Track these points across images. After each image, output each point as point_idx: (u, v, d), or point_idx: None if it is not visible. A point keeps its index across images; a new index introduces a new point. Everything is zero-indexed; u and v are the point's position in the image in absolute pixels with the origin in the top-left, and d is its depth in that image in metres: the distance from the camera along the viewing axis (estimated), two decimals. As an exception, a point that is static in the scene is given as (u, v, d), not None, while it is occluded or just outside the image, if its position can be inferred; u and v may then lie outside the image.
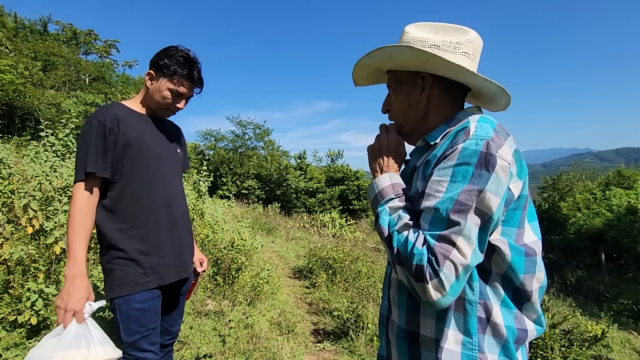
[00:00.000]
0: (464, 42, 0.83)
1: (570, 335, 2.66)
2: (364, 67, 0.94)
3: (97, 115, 1.34)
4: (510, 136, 0.76)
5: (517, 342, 0.74)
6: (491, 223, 0.69)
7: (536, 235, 0.77)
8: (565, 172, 25.22)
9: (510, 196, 0.72)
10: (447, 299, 0.68)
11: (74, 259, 1.20)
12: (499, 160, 0.69)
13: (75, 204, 1.25)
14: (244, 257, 4.38)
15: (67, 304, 1.15)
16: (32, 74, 17.52)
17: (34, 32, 27.75)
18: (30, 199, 2.92)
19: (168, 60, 1.39)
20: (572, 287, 10.11)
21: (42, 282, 2.62)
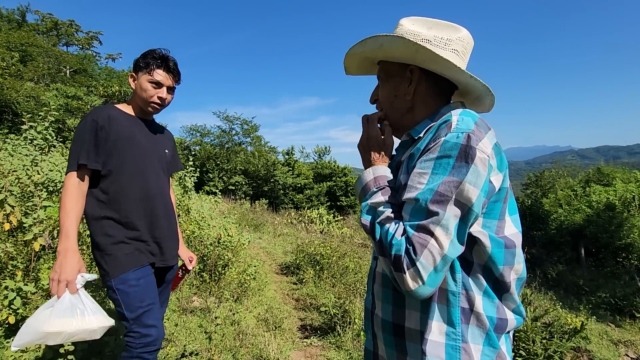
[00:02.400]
0: (455, 40, 0.84)
1: (551, 328, 2.73)
2: (355, 56, 0.94)
3: (92, 114, 1.49)
4: (491, 130, 0.78)
5: (496, 330, 0.75)
6: (471, 214, 0.70)
7: (516, 227, 0.79)
8: (547, 169, 25.81)
9: (491, 188, 0.73)
10: (424, 289, 0.68)
11: (65, 235, 1.33)
12: (479, 153, 0.70)
13: (67, 190, 1.39)
14: (231, 253, 4.35)
15: (60, 275, 1.26)
16: (9, 65, 16.90)
17: (12, 21, 26.75)
18: (7, 194, 2.82)
19: (143, 59, 1.56)
20: (553, 281, 10.39)
21: (21, 280, 2.54)
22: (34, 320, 1.17)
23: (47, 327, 1.15)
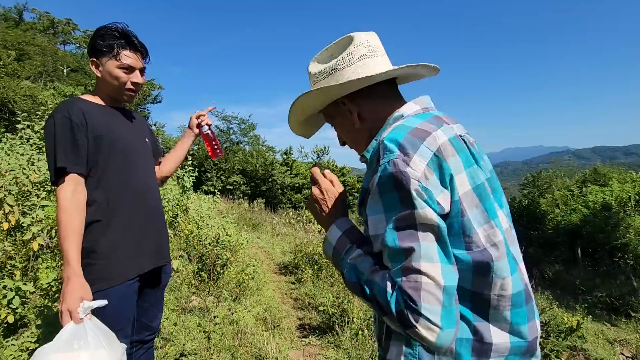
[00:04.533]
0: (355, 48, 0.81)
1: (547, 327, 2.75)
2: (297, 124, 0.97)
3: (60, 110, 1.28)
4: (426, 140, 0.69)
5: (478, 354, 0.68)
6: (442, 232, 0.65)
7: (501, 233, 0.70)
8: (544, 170, 25.95)
9: (441, 209, 0.66)
10: (446, 333, 0.61)
11: (66, 260, 1.19)
12: (406, 180, 0.65)
13: (59, 204, 1.22)
14: (229, 253, 4.35)
15: (70, 304, 1.13)
16: (6, 63, 16.82)
17: (9, 19, 26.61)
18: (5, 193, 2.82)
19: (102, 40, 1.34)
20: (550, 280, 10.44)
21: (19, 279, 2.54)
22: (38, 353, 1.06)
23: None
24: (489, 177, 0.76)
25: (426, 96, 0.86)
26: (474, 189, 0.69)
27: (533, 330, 0.71)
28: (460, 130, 0.79)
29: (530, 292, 0.73)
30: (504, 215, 0.75)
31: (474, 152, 0.76)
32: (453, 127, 0.77)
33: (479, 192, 0.70)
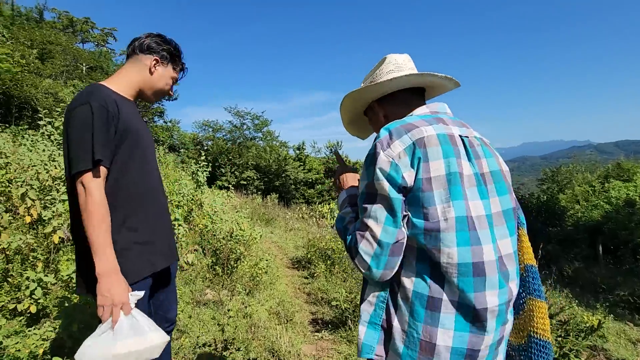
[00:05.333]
0: (385, 66, 1.09)
1: (566, 326, 2.68)
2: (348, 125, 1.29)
3: (96, 98, 1.23)
4: (411, 132, 0.89)
5: (427, 307, 0.85)
6: (394, 202, 0.85)
7: (458, 212, 0.84)
8: (564, 165, 25.24)
9: (404, 183, 0.85)
10: (374, 271, 0.88)
11: (103, 255, 1.16)
12: (382, 156, 0.87)
13: (92, 196, 1.16)
14: (243, 247, 4.39)
15: (113, 299, 1.14)
16: (29, 62, 17.33)
17: (30, 19, 27.37)
18: (27, 188, 2.91)
19: (176, 52, 1.49)
20: (569, 278, 10.18)
21: (41, 271, 2.63)
22: (94, 349, 1.11)
23: (114, 350, 1.11)
24: (481, 172, 0.91)
25: (442, 103, 1.05)
26: (446, 175, 0.85)
27: (481, 301, 0.83)
28: (464, 132, 0.96)
29: (487, 269, 0.84)
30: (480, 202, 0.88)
31: (471, 151, 0.92)
32: (452, 128, 0.93)
33: (450, 179, 0.85)
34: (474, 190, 0.88)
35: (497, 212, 0.91)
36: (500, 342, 0.90)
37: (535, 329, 0.94)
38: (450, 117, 1.00)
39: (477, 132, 1.01)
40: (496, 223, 0.90)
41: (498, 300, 0.84)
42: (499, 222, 0.91)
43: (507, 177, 0.98)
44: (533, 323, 0.94)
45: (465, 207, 0.85)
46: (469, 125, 1.01)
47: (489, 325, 0.84)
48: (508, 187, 0.96)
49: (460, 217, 0.83)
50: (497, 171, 0.95)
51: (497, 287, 0.85)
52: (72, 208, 1.29)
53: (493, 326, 0.85)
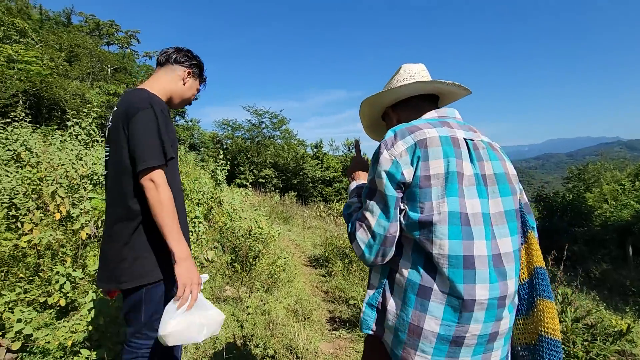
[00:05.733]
0: (400, 74, 1.19)
1: (593, 330, 2.59)
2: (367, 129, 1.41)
3: (156, 103, 1.35)
4: (415, 133, 0.97)
5: (418, 294, 0.92)
6: (389, 199, 0.95)
7: (451, 208, 0.91)
8: (592, 162, 24.25)
9: (402, 179, 0.94)
10: (367, 257, 0.99)
11: (182, 242, 1.28)
12: (384, 155, 0.96)
13: (164, 189, 1.26)
14: (261, 245, 4.45)
15: (194, 278, 1.29)
16: (57, 64, 18.03)
17: (58, 23, 28.44)
18: (57, 186, 3.04)
19: (202, 65, 1.65)
20: (597, 280, 9.80)
21: (70, 265, 2.74)
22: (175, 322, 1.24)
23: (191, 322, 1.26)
24: (482, 174, 0.97)
25: (451, 109, 1.13)
26: (445, 173, 0.92)
27: (470, 293, 0.88)
28: (470, 135, 1.02)
29: (477, 263, 0.89)
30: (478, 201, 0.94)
31: (474, 154, 0.99)
32: (456, 132, 1.00)
33: (448, 177, 0.92)
34: (472, 189, 0.94)
35: (498, 212, 0.96)
36: (495, 337, 0.93)
37: (545, 328, 0.97)
38: (458, 122, 1.07)
39: (487, 137, 1.07)
40: (496, 222, 0.95)
41: (488, 294, 0.89)
42: (500, 222, 0.95)
43: (514, 180, 1.03)
44: (543, 323, 0.97)
45: (460, 204, 0.91)
46: (477, 130, 1.07)
47: (477, 316, 0.89)
48: (512, 190, 1.01)
49: (453, 212, 0.90)
50: (502, 174, 1.00)
51: (487, 282, 0.89)
52: (122, 203, 1.37)
53: (481, 318, 0.89)
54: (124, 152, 1.32)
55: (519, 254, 0.99)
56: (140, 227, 1.37)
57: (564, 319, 2.59)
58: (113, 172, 1.39)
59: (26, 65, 15.17)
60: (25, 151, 4.57)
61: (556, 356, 0.95)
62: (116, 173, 1.37)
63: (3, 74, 13.58)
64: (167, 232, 1.25)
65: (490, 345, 0.93)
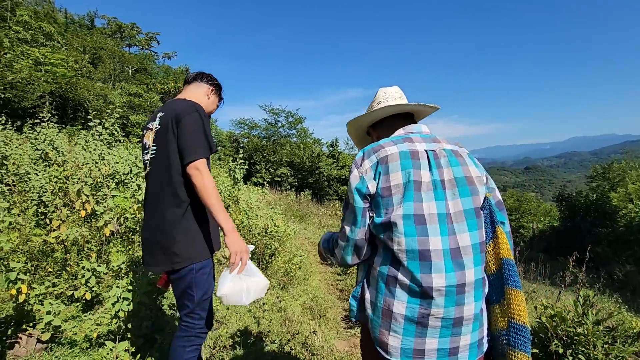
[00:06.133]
0: (376, 98, 1.39)
1: (614, 333, 2.53)
2: (357, 144, 1.58)
3: (200, 109, 1.62)
4: (379, 152, 1.15)
5: (387, 283, 1.08)
6: (357, 210, 1.14)
7: (405, 211, 1.06)
8: (617, 161, 23.35)
9: (367, 192, 1.13)
10: (345, 258, 1.22)
11: (228, 218, 1.51)
12: (354, 172, 1.16)
13: (209, 176, 1.50)
14: (277, 243, 4.50)
15: (242, 247, 1.51)
16: (82, 66, 18.63)
17: (82, 26, 29.35)
18: (82, 184, 3.16)
19: (221, 86, 1.95)
20: (620, 282, 9.46)
21: (95, 261, 2.85)
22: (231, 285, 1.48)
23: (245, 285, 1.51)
24: (441, 179, 1.11)
25: (418, 125, 1.30)
26: (403, 183, 1.09)
27: (427, 281, 1.02)
28: (432, 147, 1.17)
29: (432, 256, 1.03)
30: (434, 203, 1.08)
31: (434, 163, 1.13)
32: (417, 145, 1.16)
33: (406, 185, 1.08)
34: (430, 194, 1.08)
35: (457, 211, 1.08)
36: (460, 322, 1.04)
37: (512, 314, 1.07)
38: (423, 135, 1.23)
39: (451, 145, 1.20)
40: (456, 220, 1.07)
41: (445, 282, 1.02)
42: (459, 219, 1.08)
43: (477, 182, 1.14)
44: (511, 310, 1.08)
45: (415, 207, 1.06)
46: (442, 140, 1.22)
47: (437, 301, 1.02)
48: (472, 191, 1.12)
49: (407, 214, 1.06)
50: (462, 177, 1.13)
51: (443, 271, 1.02)
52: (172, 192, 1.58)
53: (441, 303, 1.02)
54: (172, 149, 1.55)
55: (481, 247, 1.10)
56: (188, 213, 1.58)
57: (585, 322, 2.54)
58: (161, 167, 1.60)
59: (52, 67, 15.75)
60: (53, 150, 4.77)
61: (522, 340, 1.05)
62: (165, 167, 1.58)
63: (31, 76, 14.15)
64: (214, 210, 1.47)
65: (457, 330, 1.04)
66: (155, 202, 1.62)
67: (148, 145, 1.68)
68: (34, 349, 2.19)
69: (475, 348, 1.09)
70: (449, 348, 1.05)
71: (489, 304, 1.15)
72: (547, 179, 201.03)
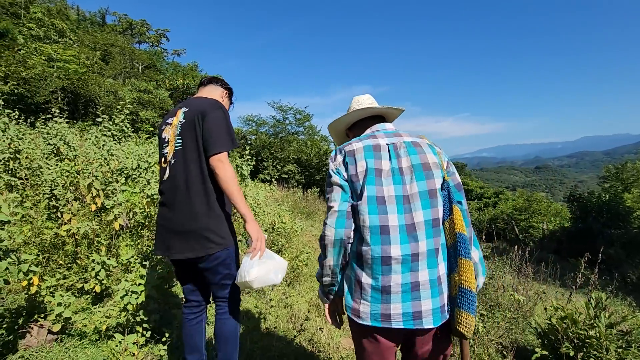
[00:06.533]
0: (351, 105, 1.63)
1: (628, 337, 2.47)
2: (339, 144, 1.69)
3: (223, 107, 1.77)
4: (347, 147, 1.40)
5: (356, 259, 1.31)
6: (343, 186, 1.34)
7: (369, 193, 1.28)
8: (631, 161, 22.86)
9: (343, 178, 1.36)
10: (336, 230, 1.30)
11: (247, 207, 1.65)
12: (331, 165, 1.40)
13: (231, 171, 1.63)
14: (284, 239, 4.50)
15: (261, 234, 1.67)
16: (93, 63, 18.85)
17: (94, 23, 29.66)
18: (93, 178, 3.19)
19: (232, 91, 2.10)
20: (633, 285, 9.28)
21: (104, 254, 2.88)
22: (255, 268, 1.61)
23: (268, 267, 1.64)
24: (399, 167, 1.32)
25: (382, 124, 1.50)
26: (367, 170, 1.31)
27: (386, 251, 1.23)
28: (393, 140, 1.39)
29: (390, 230, 1.24)
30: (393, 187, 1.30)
31: (393, 153, 1.35)
32: (379, 140, 1.39)
33: (368, 172, 1.31)
34: (389, 179, 1.31)
35: (413, 193, 1.28)
36: (417, 286, 1.23)
37: (461, 280, 1.23)
38: (386, 132, 1.45)
39: (412, 138, 1.41)
40: (412, 200, 1.27)
41: (401, 252, 1.22)
42: (414, 200, 1.27)
43: (433, 167, 1.33)
44: (461, 276, 1.24)
45: (377, 190, 1.28)
46: (403, 134, 1.42)
47: (395, 268, 1.22)
48: (427, 175, 1.31)
49: (370, 196, 1.28)
50: (419, 164, 1.33)
51: (399, 243, 1.23)
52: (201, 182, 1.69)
53: (399, 270, 1.22)
54: (199, 142, 1.67)
55: (435, 222, 1.27)
56: (215, 202, 1.70)
57: (597, 325, 2.49)
58: (190, 159, 1.70)
59: (64, 64, 15.96)
60: (64, 145, 4.83)
61: (467, 302, 1.22)
62: (194, 159, 1.69)
63: (44, 72, 14.36)
64: (236, 200, 1.61)
65: (416, 294, 1.22)
66: (184, 191, 1.70)
67: (168, 139, 1.78)
68: (45, 340, 2.22)
69: (439, 313, 1.24)
70: (412, 312, 1.22)
71: (450, 273, 1.29)
72: (558, 179, 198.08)
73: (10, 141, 4.30)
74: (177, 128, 1.75)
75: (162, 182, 1.80)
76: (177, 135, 1.74)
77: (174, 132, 1.76)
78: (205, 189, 1.69)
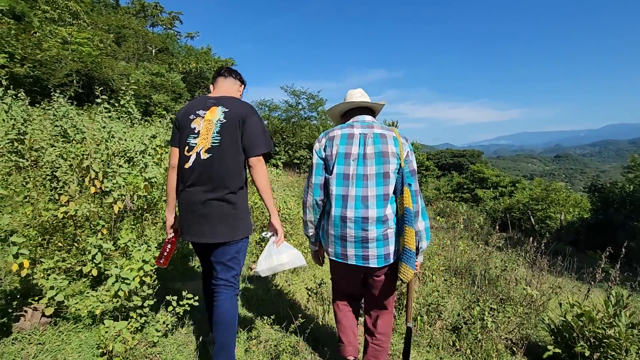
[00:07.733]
0: (345, 97, 2.07)
1: (649, 337, 2.30)
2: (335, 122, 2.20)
3: (257, 111, 1.98)
4: (332, 132, 1.89)
5: (327, 217, 1.87)
6: (319, 165, 1.89)
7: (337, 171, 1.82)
8: (659, 150, 21.82)
9: (322, 156, 1.89)
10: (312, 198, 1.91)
11: (273, 206, 1.98)
12: (316, 146, 1.91)
13: (266, 174, 1.92)
14: (289, 225, 4.41)
15: (279, 228, 2.02)
16: (106, 46, 18.89)
17: (108, 5, 29.66)
18: (91, 160, 3.13)
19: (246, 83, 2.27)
20: (656, 280, 8.93)
21: (102, 237, 2.83)
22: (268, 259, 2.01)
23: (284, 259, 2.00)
24: (364, 153, 1.78)
25: (361, 116, 1.94)
26: (339, 152, 1.81)
27: (344, 213, 1.78)
28: (365, 131, 1.83)
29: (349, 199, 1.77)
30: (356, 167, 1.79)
31: (362, 142, 1.80)
32: (354, 130, 1.85)
33: (339, 155, 1.81)
34: (355, 162, 1.78)
35: (371, 173, 1.75)
36: (367, 240, 1.75)
37: (404, 242, 1.71)
38: (362, 123, 1.87)
39: (381, 131, 1.82)
40: (369, 179, 1.75)
41: (354, 214, 1.75)
42: (371, 179, 1.75)
43: (391, 156, 1.76)
44: (404, 239, 1.71)
45: (344, 169, 1.79)
46: (376, 127, 1.83)
47: (349, 225, 1.77)
48: (384, 161, 1.75)
49: (339, 173, 1.80)
50: (380, 152, 1.77)
51: (354, 208, 1.75)
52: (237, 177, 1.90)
53: (352, 227, 1.76)
54: (239, 142, 1.87)
55: (385, 197, 1.74)
56: (243, 195, 1.96)
57: (617, 324, 2.31)
58: (229, 155, 1.86)
59: (78, 46, 16.02)
60: (72, 127, 4.81)
61: (407, 257, 1.71)
62: (233, 156, 1.87)
63: (59, 54, 14.45)
64: (266, 196, 1.93)
65: (365, 245, 1.76)
66: (218, 182, 1.85)
67: (198, 131, 1.89)
68: (39, 323, 2.19)
69: (382, 258, 1.77)
70: (362, 255, 1.78)
71: (398, 237, 1.77)
72: (579, 168, 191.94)
73: (14, 122, 4.28)
74: (214, 125, 1.87)
75: (185, 170, 1.88)
76: (215, 132, 1.86)
77: (211, 128, 1.87)
78: (241, 183, 1.92)
